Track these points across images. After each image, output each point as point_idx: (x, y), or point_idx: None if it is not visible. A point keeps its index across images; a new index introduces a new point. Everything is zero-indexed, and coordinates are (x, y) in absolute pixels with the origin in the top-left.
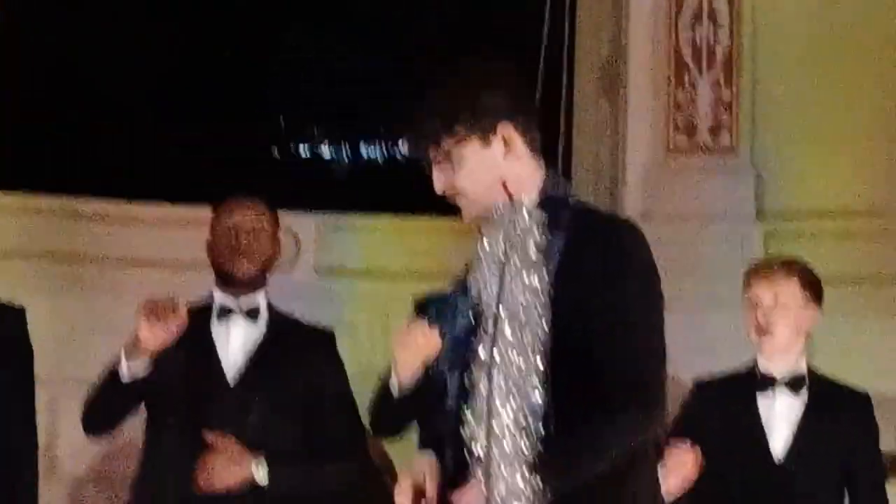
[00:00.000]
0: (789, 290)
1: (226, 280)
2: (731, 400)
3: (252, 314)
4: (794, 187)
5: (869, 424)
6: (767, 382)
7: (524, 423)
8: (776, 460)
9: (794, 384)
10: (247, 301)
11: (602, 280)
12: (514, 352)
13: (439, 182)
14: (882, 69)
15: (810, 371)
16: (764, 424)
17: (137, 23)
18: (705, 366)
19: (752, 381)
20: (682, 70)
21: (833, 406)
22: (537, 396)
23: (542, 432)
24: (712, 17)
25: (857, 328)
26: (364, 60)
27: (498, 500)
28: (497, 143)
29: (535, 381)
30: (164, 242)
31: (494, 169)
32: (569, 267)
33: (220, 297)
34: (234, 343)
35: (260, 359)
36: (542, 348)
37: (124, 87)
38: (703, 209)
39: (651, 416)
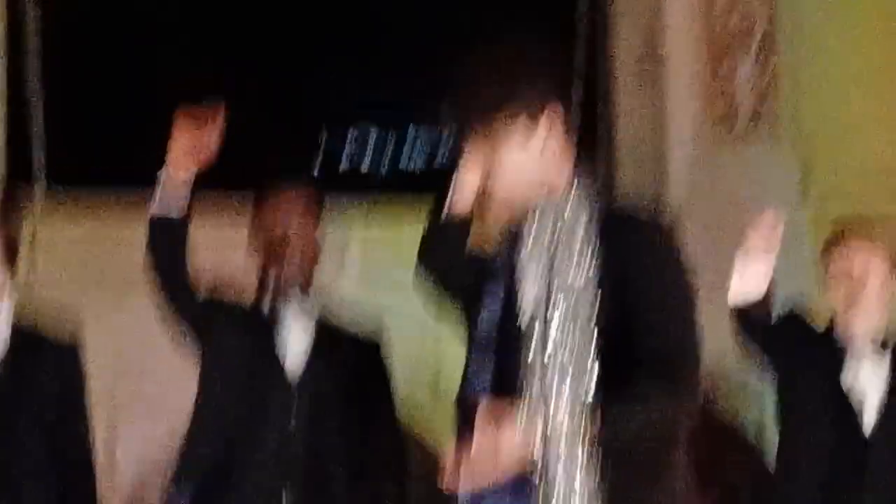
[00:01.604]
0: (876, 260)
1: (271, 284)
2: (813, 372)
3: (301, 318)
4: (837, 170)
5: None
6: (851, 353)
7: (579, 417)
8: (865, 430)
9: (878, 353)
10: (296, 304)
11: (640, 271)
12: (566, 345)
13: (473, 177)
14: None
15: (891, 338)
16: (852, 396)
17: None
18: None
19: (836, 352)
20: (721, 56)
21: None
22: (591, 390)
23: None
24: (749, 2)
25: None
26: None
27: (557, 478)
28: (542, 126)
29: (588, 373)
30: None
31: (530, 165)
32: (605, 259)
33: (269, 302)
34: (292, 345)
35: (316, 361)
36: (592, 341)
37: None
38: (746, 195)
39: (691, 394)
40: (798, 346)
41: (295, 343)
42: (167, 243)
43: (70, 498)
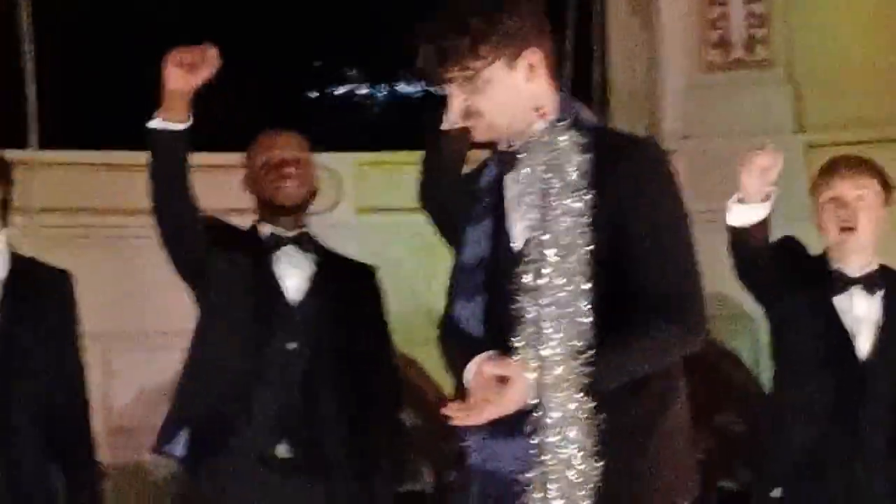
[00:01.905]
0: (871, 187)
1: (271, 211)
2: (806, 295)
3: (301, 245)
4: (832, 97)
5: None
6: (845, 282)
7: (574, 347)
8: (860, 360)
9: (869, 283)
10: (296, 231)
11: (636, 200)
12: (561, 277)
13: (457, 102)
14: None
15: (883, 268)
16: (846, 326)
17: None
18: None
19: (830, 281)
20: None
21: None
22: (585, 319)
23: (592, 355)
24: None
25: None
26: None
27: (550, 424)
28: (522, 68)
29: (583, 304)
30: (202, 189)
31: (516, 93)
32: (599, 188)
33: (269, 228)
34: (293, 269)
35: (316, 286)
36: (587, 270)
37: (150, 30)
38: (741, 124)
39: (695, 328)
40: (792, 274)
41: (295, 268)
42: (171, 155)
43: (63, 436)
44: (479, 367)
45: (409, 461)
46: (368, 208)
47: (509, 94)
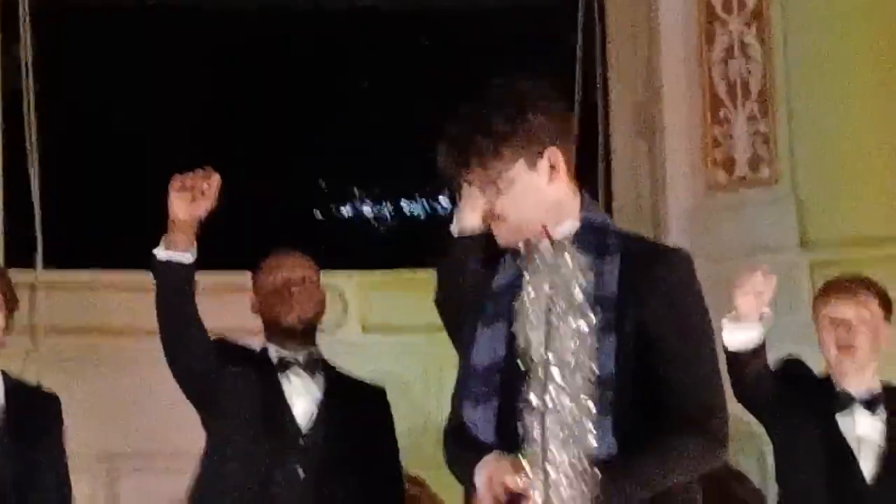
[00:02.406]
0: (870, 307)
1: (279, 332)
2: (810, 419)
3: (310, 367)
4: (837, 215)
5: None
6: (846, 402)
7: (581, 468)
8: (867, 482)
9: (871, 403)
10: (304, 353)
11: (665, 310)
12: (566, 397)
13: (481, 204)
14: None
15: (886, 387)
16: (851, 445)
17: (170, 83)
18: None
19: (831, 401)
20: (718, 106)
21: None
22: (591, 440)
23: (598, 476)
24: (744, 51)
25: None
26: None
27: None
28: (543, 168)
29: (589, 424)
30: (210, 309)
31: (539, 194)
32: (628, 294)
33: (277, 351)
34: (302, 393)
35: (325, 410)
36: (591, 392)
37: (156, 151)
38: (747, 243)
39: (719, 443)
40: (794, 394)
41: (304, 392)
42: (176, 285)
43: None
44: (494, 474)
45: None
46: (374, 327)
47: (532, 196)
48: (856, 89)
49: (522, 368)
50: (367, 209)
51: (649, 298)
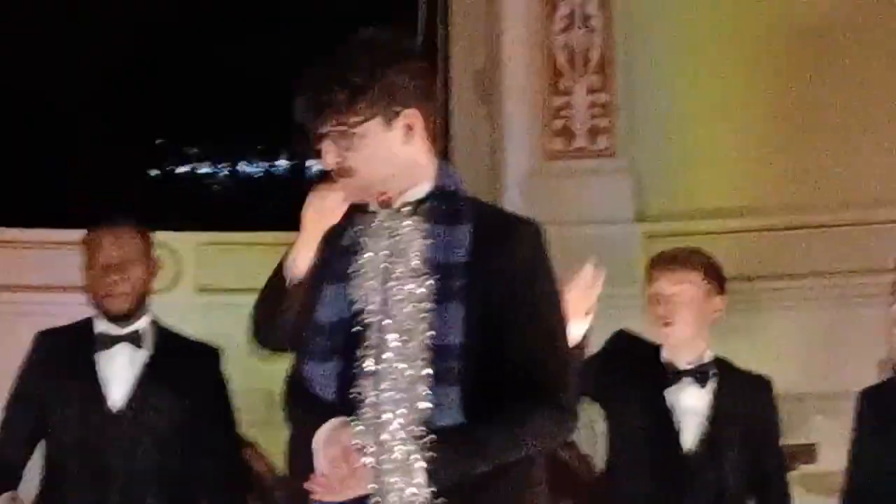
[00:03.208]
0: (691, 282)
1: (103, 314)
2: (636, 391)
3: (135, 339)
4: (672, 188)
5: (772, 409)
6: (674, 373)
7: (413, 432)
8: (686, 450)
9: (700, 375)
10: (129, 327)
11: (514, 279)
12: (401, 361)
13: (330, 156)
14: (756, 68)
15: (717, 360)
16: (673, 416)
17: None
18: None
19: (658, 374)
20: (557, 76)
21: (738, 393)
22: (426, 405)
23: (433, 440)
24: (585, 22)
25: (738, 325)
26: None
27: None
28: (399, 128)
29: (423, 389)
30: (41, 266)
31: (392, 154)
32: (477, 262)
33: (102, 326)
34: (119, 370)
35: (146, 382)
36: (427, 356)
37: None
38: (582, 213)
39: (569, 415)
40: (624, 368)
41: (122, 366)
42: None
43: None
44: (333, 436)
45: None
46: (208, 288)
47: (384, 155)
48: (696, 63)
49: (355, 329)
50: (203, 169)
51: (500, 269)
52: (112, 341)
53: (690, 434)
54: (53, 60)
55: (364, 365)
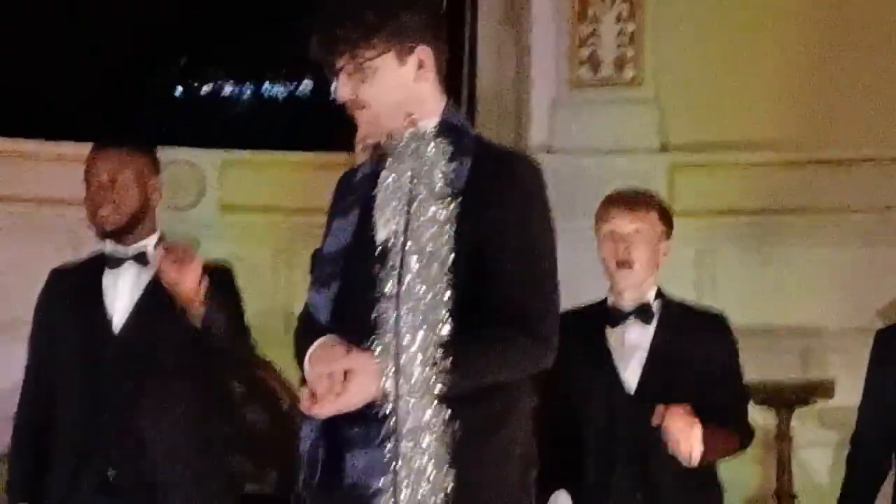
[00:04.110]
0: (649, 222)
1: (100, 232)
2: (582, 333)
3: (141, 259)
4: (698, 120)
5: (725, 342)
6: (618, 315)
7: (432, 356)
8: (628, 391)
9: (644, 315)
10: (135, 247)
11: (507, 213)
12: (422, 284)
13: (345, 90)
14: (786, 2)
15: (664, 299)
16: (614, 357)
17: None
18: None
19: (603, 314)
20: (585, 3)
21: (685, 331)
22: (445, 329)
23: (447, 364)
24: None
25: (762, 259)
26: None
27: (405, 432)
28: (411, 64)
29: (443, 313)
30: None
31: (404, 88)
32: (474, 195)
33: (108, 246)
34: (123, 289)
35: (149, 302)
36: (449, 280)
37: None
38: (606, 142)
39: (548, 345)
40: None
41: (126, 287)
42: None
43: None
44: (323, 353)
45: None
46: (231, 206)
47: (396, 89)
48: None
49: (372, 253)
50: (227, 88)
51: (496, 199)
52: (117, 262)
53: (635, 374)
54: None
55: (385, 288)
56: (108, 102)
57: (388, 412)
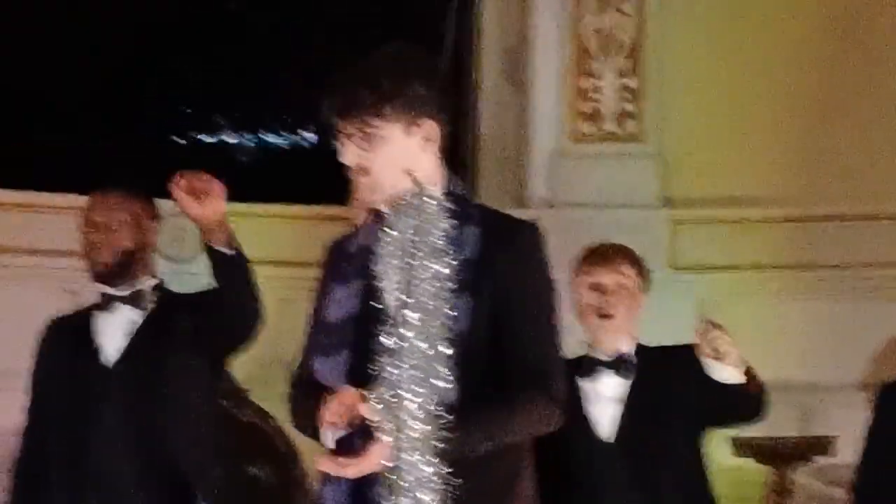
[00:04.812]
0: (629, 275)
1: (92, 273)
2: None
3: (134, 300)
4: (700, 175)
5: (692, 366)
6: (591, 365)
7: (431, 411)
8: (603, 439)
9: (620, 366)
10: (126, 288)
11: (517, 278)
12: (421, 339)
13: (350, 155)
14: (790, 58)
15: (639, 348)
16: (588, 406)
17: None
18: None
19: (575, 364)
20: (587, 58)
21: (661, 376)
22: (444, 383)
23: (448, 420)
24: (617, 5)
25: (763, 313)
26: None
27: (405, 488)
28: (418, 135)
29: (442, 368)
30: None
31: (407, 158)
32: (486, 260)
33: (102, 288)
34: (115, 328)
35: (143, 339)
36: (448, 335)
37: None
38: (608, 196)
39: (559, 405)
40: None
41: (117, 326)
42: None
43: None
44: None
45: None
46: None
47: (400, 158)
48: (726, 51)
49: (376, 314)
50: (230, 139)
51: (504, 266)
52: (110, 303)
53: (607, 426)
54: (81, 26)
55: (383, 342)
56: (109, 152)
57: (388, 467)
